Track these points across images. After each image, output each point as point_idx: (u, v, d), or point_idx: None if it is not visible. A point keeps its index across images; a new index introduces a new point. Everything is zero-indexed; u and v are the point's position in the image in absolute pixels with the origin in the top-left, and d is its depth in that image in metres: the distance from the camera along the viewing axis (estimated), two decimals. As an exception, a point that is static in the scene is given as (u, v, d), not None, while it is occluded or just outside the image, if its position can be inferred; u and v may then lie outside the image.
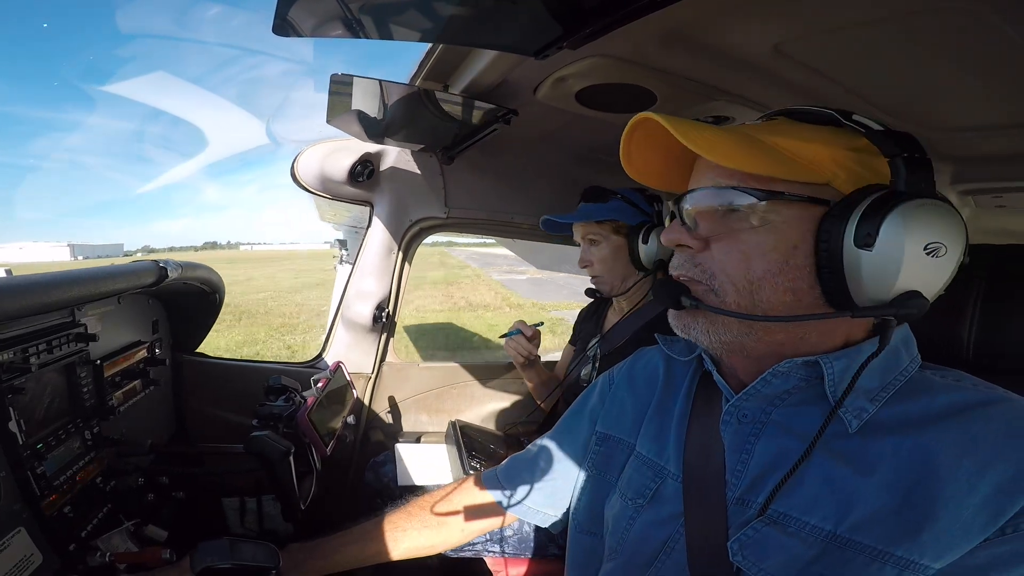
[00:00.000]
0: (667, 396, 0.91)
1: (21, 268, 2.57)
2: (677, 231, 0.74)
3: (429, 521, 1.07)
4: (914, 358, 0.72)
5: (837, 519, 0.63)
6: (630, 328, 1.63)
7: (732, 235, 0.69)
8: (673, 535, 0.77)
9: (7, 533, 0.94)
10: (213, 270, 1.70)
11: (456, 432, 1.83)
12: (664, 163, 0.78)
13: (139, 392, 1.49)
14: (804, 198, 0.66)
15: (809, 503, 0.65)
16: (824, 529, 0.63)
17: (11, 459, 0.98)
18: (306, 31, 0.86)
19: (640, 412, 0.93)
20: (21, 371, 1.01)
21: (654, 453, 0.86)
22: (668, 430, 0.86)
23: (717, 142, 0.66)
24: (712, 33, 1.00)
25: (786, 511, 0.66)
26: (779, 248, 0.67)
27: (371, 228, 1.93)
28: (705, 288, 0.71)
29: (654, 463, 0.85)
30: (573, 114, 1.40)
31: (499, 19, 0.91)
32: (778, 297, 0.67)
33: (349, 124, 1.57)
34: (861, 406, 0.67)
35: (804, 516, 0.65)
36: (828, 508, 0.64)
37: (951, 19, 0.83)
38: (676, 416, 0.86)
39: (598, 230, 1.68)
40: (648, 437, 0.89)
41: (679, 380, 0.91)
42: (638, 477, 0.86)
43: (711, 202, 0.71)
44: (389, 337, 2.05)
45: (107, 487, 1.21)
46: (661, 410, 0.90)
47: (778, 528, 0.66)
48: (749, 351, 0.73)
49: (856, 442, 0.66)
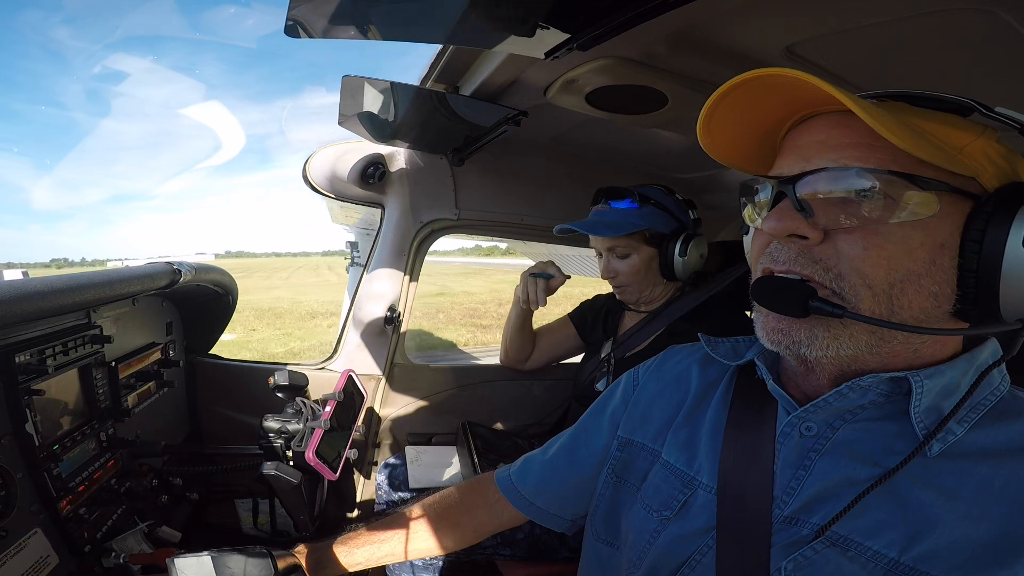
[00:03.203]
0: (700, 401, 0.84)
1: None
2: (791, 218, 0.61)
3: (440, 522, 1.04)
4: (1005, 376, 0.66)
5: (903, 546, 0.58)
6: (650, 333, 1.58)
7: (869, 227, 0.58)
8: (700, 549, 0.71)
9: (24, 534, 0.95)
10: (226, 272, 1.71)
11: (467, 433, 1.83)
12: (747, 141, 0.70)
13: (153, 394, 1.50)
14: (959, 190, 0.58)
15: (874, 527, 0.60)
16: (888, 556, 0.58)
17: (28, 460, 0.99)
18: (317, 32, 0.86)
19: (668, 417, 0.86)
20: (38, 373, 1.02)
21: (683, 462, 0.79)
22: (699, 438, 0.80)
23: (876, 113, 0.54)
24: (723, 34, 0.99)
25: (847, 534, 0.61)
26: (926, 245, 0.58)
27: (382, 230, 1.94)
28: (828, 291, 0.61)
29: (683, 473, 0.78)
30: (583, 116, 1.40)
31: (509, 20, 0.91)
32: (919, 303, 0.59)
33: (359, 126, 1.57)
34: (948, 428, 0.60)
35: (867, 541, 0.59)
36: (895, 534, 0.59)
37: (965, 20, 0.82)
38: (709, 424, 0.80)
39: (627, 241, 1.54)
40: (676, 445, 0.82)
41: (713, 385, 0.84)
42: (665, 487, 0.79)
43: (839, 186, 0.59)
44: (400, 338, 2.06)
45: (122, 488, 1.22)
46: (692, 416, 0.83)
47: (838, 551, 0.60)
48: (853, 364, 0.65)
49: (938, 466, 0.60)
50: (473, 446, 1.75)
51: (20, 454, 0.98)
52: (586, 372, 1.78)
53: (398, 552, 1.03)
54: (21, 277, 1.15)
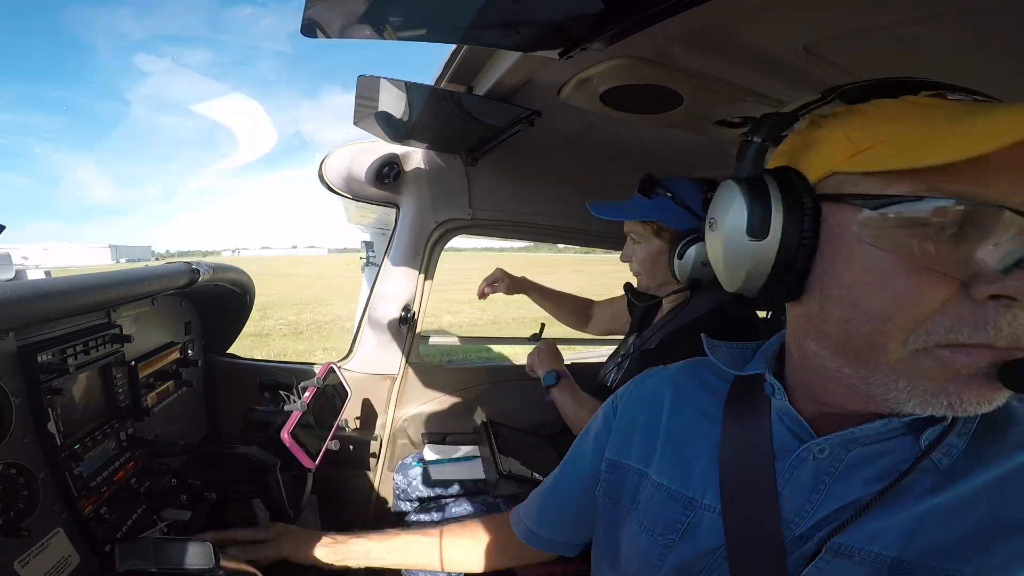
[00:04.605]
0: (677, 417, 0.83)
1: (61, 270, 2.62)
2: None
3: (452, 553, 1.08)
4: None
5: (902, 545, 0.58)
6: (662, 331, 1.55)
7: None
8: (709, 567, 0.70)
9: (47, 534, 0.96)
10: (244, 272, 1.73)
11: (488, 432, 1.82)
12: None
13: (172, 393, 1.52)
14: None
15: (874, 533, 0.60)
16: (888, 556, 0.58)
17: (50, 460, 1.00)
18: (334, 32, 0.86)
19: (649, 437, 0.85)
20: (59, 372, 1.03)
21: (677, 483, 0.77)
22: (689, 455, 0.78)
23: None
24: (740, 34, 0.97)
25: (847, 542, 0.61)
26: None
27: (397, 229, 1.95)
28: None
29: (680, 494, 0.76)
30: (597, 115, 1.39)
31: (523, 19, 0.90)
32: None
33: (375, 126, 1.58)
34: (951, 443, 0.60)
35: (868, 545, 0.59)
36: (894, 535, 0.59)
37: (986, 20, 0.80)
38: (700, 439, 0.78)
39: (640, 229, 1.54)
40: (665, 464, 0.80)
41: (697, 401, 0.83)
42: (664, 511, 0.77)
43: None
44: (415, 338, 2.06)
45: (141, 488, 1.23)
46: (672, 434, 0.82)
47: (844, 559, 0.60)
48: None
49: (942, 477, 0.60)
50: (495, 445, 1.75)
51: (42, 454, 0.99)
52: (607, 366, 1.76)
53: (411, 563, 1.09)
54: (43, 276, 1.17)
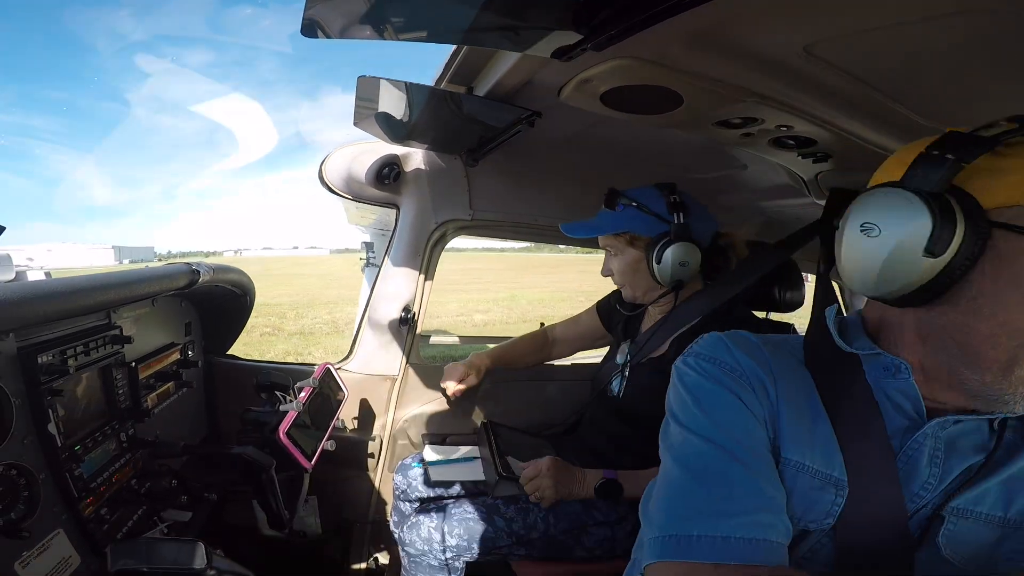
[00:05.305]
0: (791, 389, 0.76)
1: (65, 271, 2.61)
2: None
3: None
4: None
5: (1004, 507, 0.66)
6: (667, 335, 1.54)
7: None
8: (818, 543, 0.74)
9: (47, 535, 0.96)
10: (244, 272, 1.73)
11: (488, 433, 1.82)
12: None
13: (172, 394, 1.52)
14: None
15: (979, 496, 0.67)
16: (996, 515, 0.67)
17: (51, 461, 1.01)
18: (334, 33, 0.86)
19: (769, 410, 0.75)
20: (60, 373, 1.03)
21: (821, 463, 0.72)
22: (815, 433, 0.73)
23: None
24: (740, 34, 0.97)
25: (962, 505, 0.68)
26: None
27: (397, 230, 1.95)
28: None
29: (825, 474, 0.72)
30: (597, 115, 1.39)
31: (524, 21, 0.90)
32: None
33: (375, 126, 1.58)
34: (1012, 424, 0.69)
35: (976, 507, 0.67)
36: (995, 497, 0.67)
37: (986, 21, 0.81)
38: (816, 416, 0.74)
39: (613, 242, 1.57)
40: (799, 442, 0.73)
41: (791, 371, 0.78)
42: (817, 495, 0.72)
43: None
44: (415, 339, 2.06)
45: (142, 489, 1.23)
46: (794, 407, 0.75)
47: (967, 520, 0.68)
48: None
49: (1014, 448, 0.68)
50: (495, 446, 1.75)
51: (43, 455, 0.99)
52: (605, 373, 1.76)
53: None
54: (43, 277, 1.17)
